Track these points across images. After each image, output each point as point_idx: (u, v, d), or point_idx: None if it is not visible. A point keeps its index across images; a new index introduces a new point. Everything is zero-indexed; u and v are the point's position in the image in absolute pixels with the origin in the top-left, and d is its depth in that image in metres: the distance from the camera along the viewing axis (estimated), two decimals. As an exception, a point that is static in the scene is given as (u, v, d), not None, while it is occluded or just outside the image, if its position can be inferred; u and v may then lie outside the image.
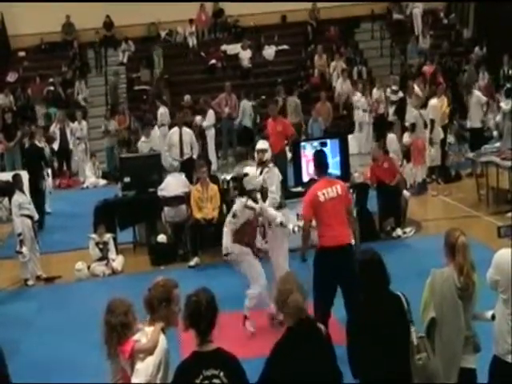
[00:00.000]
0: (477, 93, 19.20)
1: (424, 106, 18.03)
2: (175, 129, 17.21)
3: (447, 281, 5.97)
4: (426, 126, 17.55)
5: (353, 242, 9.00)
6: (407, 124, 17.89)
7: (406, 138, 17.61)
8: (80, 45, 27.86)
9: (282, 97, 23.41)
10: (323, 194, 8.78)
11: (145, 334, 5.20)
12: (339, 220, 8.79)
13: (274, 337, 5.31)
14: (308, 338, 5.26)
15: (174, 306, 5.21)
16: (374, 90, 22.87)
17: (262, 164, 11.10)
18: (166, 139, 17.49)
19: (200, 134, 21.96)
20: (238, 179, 10.54)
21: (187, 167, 15.78)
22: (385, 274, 5.72)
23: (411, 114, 17.77)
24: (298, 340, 5.24)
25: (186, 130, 17.12)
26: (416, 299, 6.01)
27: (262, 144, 11.43)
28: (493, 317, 6.15)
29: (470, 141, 18.64)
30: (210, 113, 21.91)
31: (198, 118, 21.51)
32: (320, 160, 9.21)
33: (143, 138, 17.28)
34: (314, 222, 8.96)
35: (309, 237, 8.96)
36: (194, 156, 16.68)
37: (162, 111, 22.31)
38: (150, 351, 5.13)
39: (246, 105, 23.13)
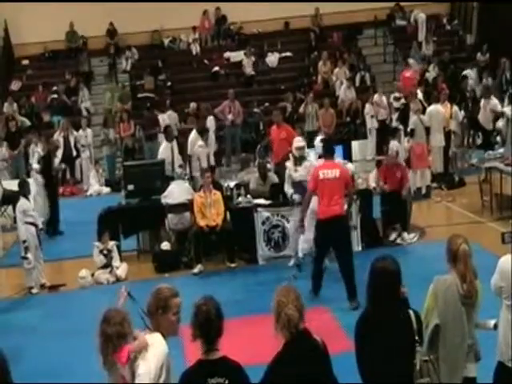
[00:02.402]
0: (495, 101, 19.14)
1: (424, 111, 18.11)
2: (165, 144, 17.03)
3: (450, 288, 5.94)
4: (428, 131, 17.60)
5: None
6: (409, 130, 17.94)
7: (405, 143, 17.61)
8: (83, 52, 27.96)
9: (290, 103, 23.43)
10: (323, 174, 10.85)
11: None
12: (333, 197, 10.76)
13: (278, 343, 5.30)
14: (304, 350, 5.20)
15: (171, 315, 5.19)
16: (376, 96, 22.89)
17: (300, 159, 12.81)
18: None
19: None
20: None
21: None
22: (397, 285, 5.53)
23: (411, 120, 17.80)
24: (294, 354, 5.17)
25: (175, 145, 17.15)
26: (418, 305, 5.98)
27: (299, 142, 13.10)
28: (495, 326, 6.13)
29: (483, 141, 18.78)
30: (210, 119, 22.04)
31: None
32: (327, 146, 11.57)
33: (200, 143, 17.05)
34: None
35: (307, 205, 11.32)
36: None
37: (164, 118, 22.45)
38: (144, 347, 5.12)
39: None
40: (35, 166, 18.20)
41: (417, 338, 5.47)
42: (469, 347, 5.98)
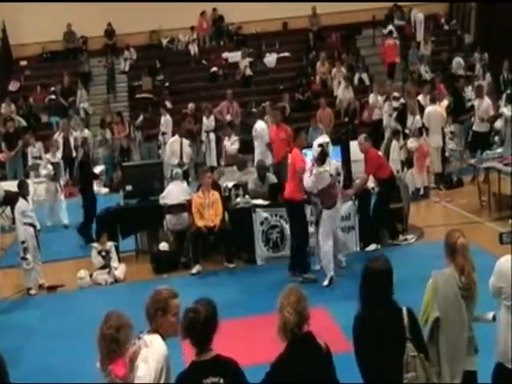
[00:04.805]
0: (488, 102, 19.09)
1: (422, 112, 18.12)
2: (176, 137, 17.30)
3: (449, 280, 5.96)
4: (427, 131, 17.60)
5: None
6: (407, 131, 17.90)
7: (413, 142, 17.52)
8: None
9: (287, 103, 23.40)
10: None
11: (143, 341, 5.20)
12: (288, 180, 12.22)
13: (276, 344, 5.29)
14: (306, 353, 5.17)
15: (170, 316, 5.18)
16: (371, 95, 22.88)
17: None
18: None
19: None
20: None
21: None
22: (390, 285, 5.52)
23: (414, 120, 17.77)
24: (295, 356, 5.15)
25: (186, 141, 17.33)
26: (418, 305, 5.99)
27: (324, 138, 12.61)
28: (494, 318, 6.13)
29: (472, 144, 18.65)
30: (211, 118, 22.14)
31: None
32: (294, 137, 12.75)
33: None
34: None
35: None
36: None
37: (166, 119, 22.46)
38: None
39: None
40: (44, 172, 18.21)
41: (408, 334, 5.41)
42: (468, 339, 5.98)
